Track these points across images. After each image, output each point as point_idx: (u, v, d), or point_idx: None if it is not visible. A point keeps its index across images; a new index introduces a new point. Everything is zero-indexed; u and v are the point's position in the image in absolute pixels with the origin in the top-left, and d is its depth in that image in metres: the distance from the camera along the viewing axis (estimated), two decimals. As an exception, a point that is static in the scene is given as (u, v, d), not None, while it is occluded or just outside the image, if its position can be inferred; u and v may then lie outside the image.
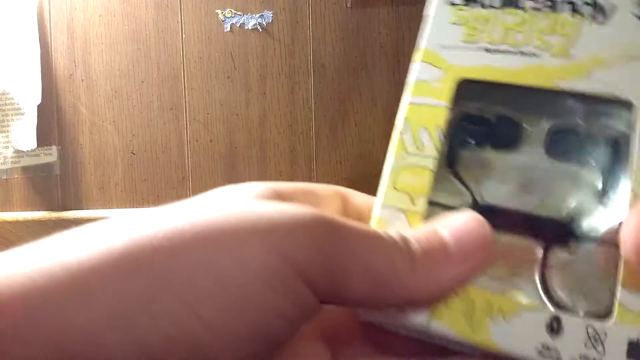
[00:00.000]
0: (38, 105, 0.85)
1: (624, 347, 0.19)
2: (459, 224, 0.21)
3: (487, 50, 0.24)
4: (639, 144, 0.21)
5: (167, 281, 0.17)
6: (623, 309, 0.20)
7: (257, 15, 0.85)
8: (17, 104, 0.86)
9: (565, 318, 0.20)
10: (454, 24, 0.25)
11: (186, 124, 0.87)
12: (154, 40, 0.86)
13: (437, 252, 0.20)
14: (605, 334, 0.20)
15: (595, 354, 0.19)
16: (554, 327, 0.20)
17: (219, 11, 0.85)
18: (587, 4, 0.23)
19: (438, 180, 0.23)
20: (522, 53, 0.24)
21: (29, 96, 0.85)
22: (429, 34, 0.25)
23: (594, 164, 0.23)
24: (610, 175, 0.23)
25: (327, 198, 0.25)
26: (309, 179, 0.86)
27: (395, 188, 0.23)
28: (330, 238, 0.19)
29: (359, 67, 0.84)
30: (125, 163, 0.87)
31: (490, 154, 0.24)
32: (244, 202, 0.20)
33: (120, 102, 0.87)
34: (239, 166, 0.87)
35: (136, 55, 0.86)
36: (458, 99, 0.24)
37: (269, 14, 0.85)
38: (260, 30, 0.85)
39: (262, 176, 0.86)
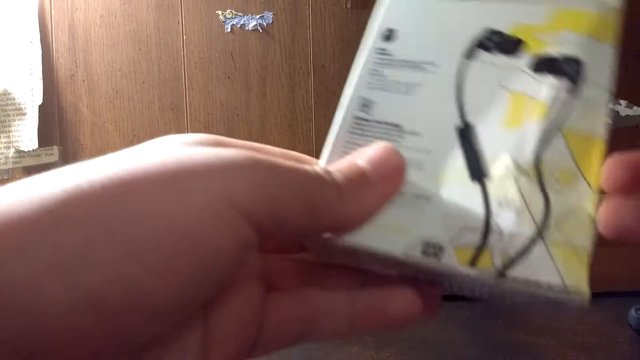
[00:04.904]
0: (39, 106, 0.86)
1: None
2: (373, 153, 0.23)
3: None
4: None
5: (106, 231, 0.17)
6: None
7: (258, 16, 0.85)
8: (19, 104, 0.86)
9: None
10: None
11: (187, 124, 0.87)
12: (154, 41, 0.86)
13: (358, 179, 0.22)
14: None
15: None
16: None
17: (219, 12, 0.85)
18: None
19: None
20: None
21: (31, 96, 0.86)
22: None
23: None
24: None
25: (275, 155, 0.26)
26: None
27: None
28: (268, 178, 0.20)
29: (359, 67, 0.85)
30: (126, 163, 0.87)
31: None
32: (179, 149, 0.21)
33: (121, 103, 0.87)
34: (239, 166, 0.87)
35: (137, 55, 0.86)
36: None
37: (269, 15, 0.85)
38: (261, 31, 0.85)
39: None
